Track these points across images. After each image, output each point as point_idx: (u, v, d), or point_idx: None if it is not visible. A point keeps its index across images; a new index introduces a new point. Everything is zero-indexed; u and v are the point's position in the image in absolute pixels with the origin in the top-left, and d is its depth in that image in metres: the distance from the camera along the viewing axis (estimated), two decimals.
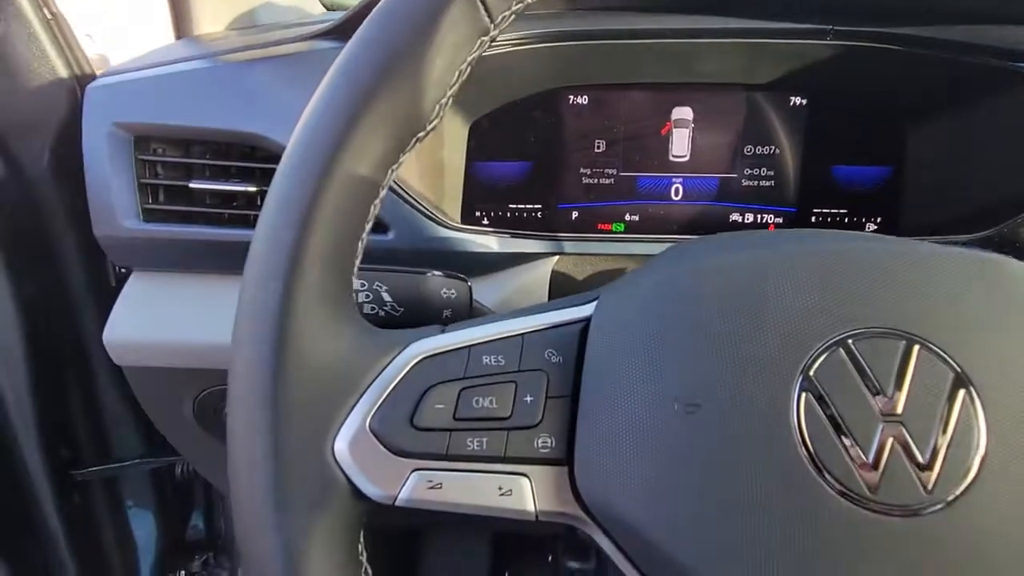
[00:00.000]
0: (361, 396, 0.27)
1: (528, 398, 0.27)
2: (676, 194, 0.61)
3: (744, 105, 0.59)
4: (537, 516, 0.27)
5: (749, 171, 0.60)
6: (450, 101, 0.28)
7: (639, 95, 0.59)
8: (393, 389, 0.27)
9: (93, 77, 0.69)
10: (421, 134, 0.28)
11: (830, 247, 0.27)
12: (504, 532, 1.10)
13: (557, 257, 0.56)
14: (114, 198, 0.48)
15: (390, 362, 0.27)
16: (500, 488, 0.26)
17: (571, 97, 0.59)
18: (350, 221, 0.27)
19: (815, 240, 0.28)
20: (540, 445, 0.26)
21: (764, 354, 0.25)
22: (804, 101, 0.59)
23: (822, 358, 0.24)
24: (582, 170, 0.61)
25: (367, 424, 0.26)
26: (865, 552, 0.23)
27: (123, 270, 0.81)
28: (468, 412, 0.26)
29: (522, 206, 0.60)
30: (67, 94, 0.66)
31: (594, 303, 0.30)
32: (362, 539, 0.28)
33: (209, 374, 0.50)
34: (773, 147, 0.60)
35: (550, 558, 0.90)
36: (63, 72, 0.65)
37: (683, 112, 0.59)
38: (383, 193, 0.28)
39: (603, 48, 0.55)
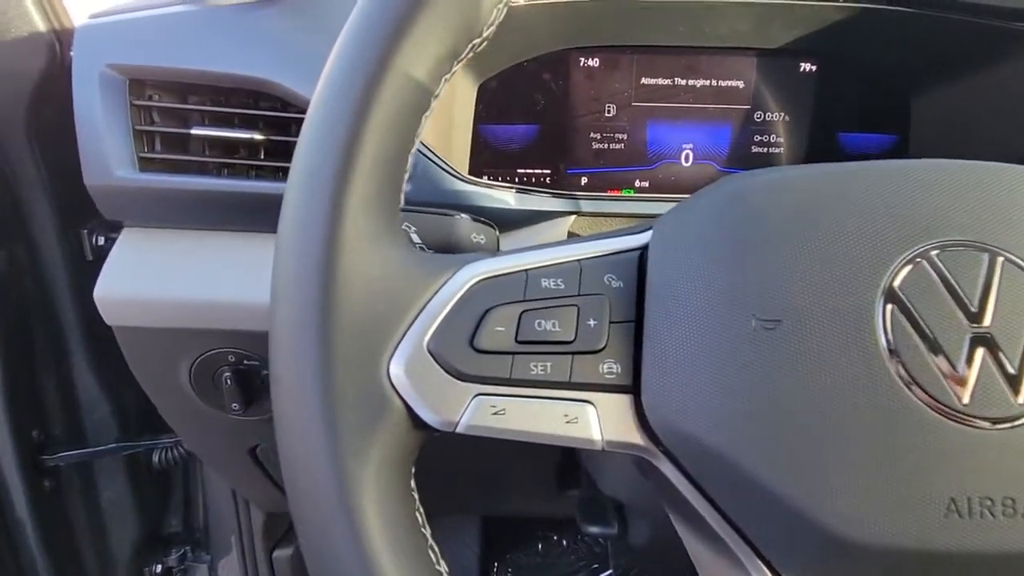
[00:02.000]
0: (417, 316, 0.25)
1: (591, 322, 0.25)
2: (686, 160, 0.60)
3: (754, 70, 0.59)
4: (603, 445, 0.25)
5: (759, 137, 0.60)
6: (506, 9, 0.26)
7: (650, 58, 0.58)
8: (450, 310, 0.25)
9: (73, 30, 0.65)
10: (476, 41, 0.26)
11: (900, 165, 0.26)
12: (494, 518, 1.08)
13: (573, 217, 0.54)
14: (107, 146, 0.45)
15: (445, 283, 0.25)
16: (566, 415, 0.25)
17: (581, 59, 0.58)
18: (403, 129, 0.25)
19: (881, 163, 0.27)
20: (605, 371, 0.25)
21: (846, 267, 0.24)
22: (813, 67, 0.59)
23: (905, 271, 0.23)
24: (591, 134, 0.59)
25: (424, 345, 0.24)
26: (958, 465, 0.22)
27: (101, 241, 0.77)
28: (530, 335, 0.25)
29: (530, 170, 0.59)
30: (45, 48, 0.62)
31: (648, 231, 0.28)
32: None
33: (207, 336, 0.48)
34: (782, 113, 0.60)
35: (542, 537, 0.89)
36: (40, 24, 0.62)
37: (694, 77, 0.59)
38: (433, 106, 0.26)
39: (615, 7, 0.54)
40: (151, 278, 0.46)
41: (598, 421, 0.25)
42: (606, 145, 0.60)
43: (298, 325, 0.23)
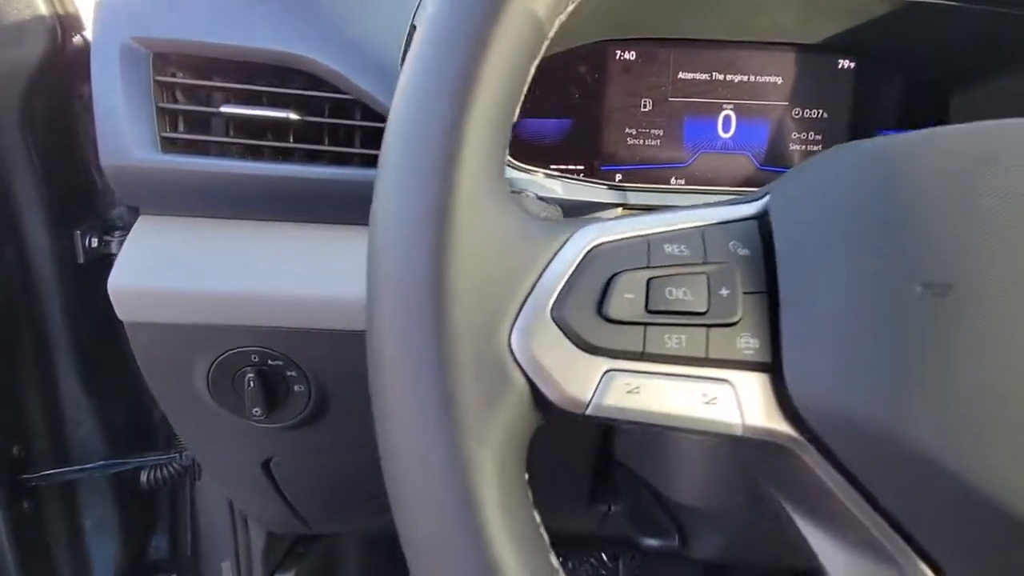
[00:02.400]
0: (537, 280, 0.22)
1: (724, 291, 0.22)
2: (723, 156, 0.58)
3: (793, 66, 0.57)
4: (742, 431, 0.22)
5: (796, 135, 0.58)
6: None
7: (688, 52, 0.56)
8: (572, 276, 0.22)
9: (77, 18, 0.61)
10: None
11: None
12: None
13: (619, 210, 0.52)
14: (127, 125, 0.41)
15: (562, 246, 0.22)
16: (704, 395, 0.22)
17: (618, 52, 0.56)
18: (518, 73, 0.22)
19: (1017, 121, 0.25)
20: (743, 346, 0.22)
21: (1017, 230, 0.21)
22: (852, 64, 0.58)
23: None
24: (627, 130, 0.57)
25: (548, 312, 0.21)
26: None
27: (94, 243, 0.72)
28: (661, 304, 0.22)
29: (564, 166, 0.56)
30: (45, 33, 0.58)
31: (759, 201, 0.26)
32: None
33: (230, 333, 0.44)
34: (821, 110, 0.58)
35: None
36: (42, 7, 0.58)
37: (732, 72, 0.57)
38: (542, 52, 0.24)
39: None
40: (170, 269, 0.42)
41: (737, 403, 0.22)
42: (641, 141, 0.58)
43: (407, 291, 0.20)
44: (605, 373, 0.21)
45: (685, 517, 0.45)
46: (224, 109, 0.41)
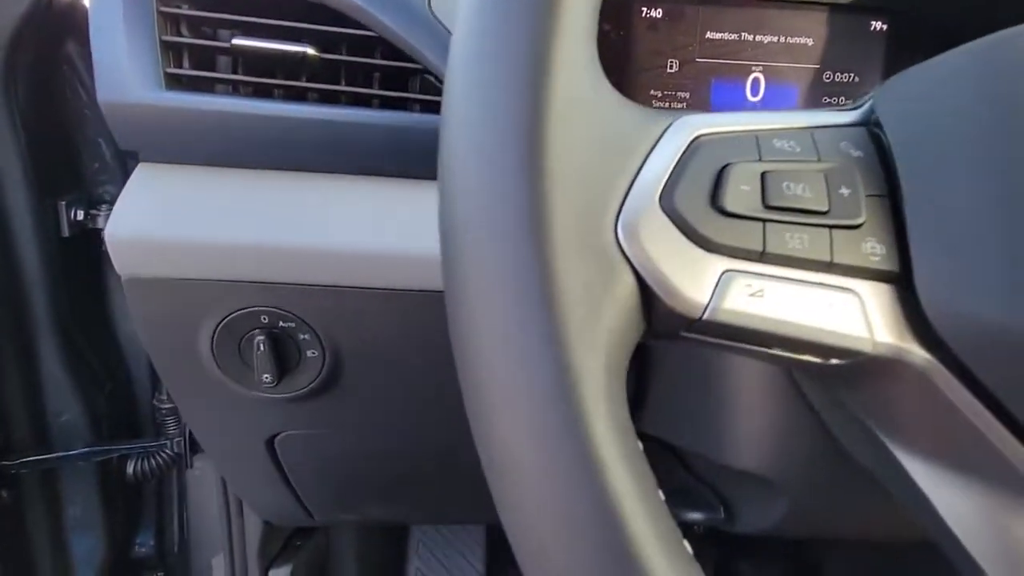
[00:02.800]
0: (643, 164, 0.19)
1: (844, 191, 0.20)
2: None
3: (825, 28, 0.55)
4: (873, 347, 0.19)
5: (827, 99, 0.56)
6: None
7: (716, 11, 0.54)
8: (679, 163, 0.19)
9: None
10: None
11: None
12: (498, 530, 1.01)
13: None
14: (128, 60, 0.37)
15: (665, 131, 0.20)
16: (831, 305, 0.19)
17: (644, 9, 0.54)
18: None
19: None
20: (869, 251, 0.19)
21: None
22: (884, 26, 0.56)
23: None
24: (652, 91, 0.55)
25: (657, 199, 0.18)
26: None
27: (80, 215, 0.68)
28: (779, 199, 0.19)
29: None
30: None
31: (861, 108, 0.23)
32: None
33: (239, 291, 0.40)
34: (852, 74, 0.56)
35: None
36: None
37: (761, 32, 0.55)
38: None
39: None
40: (174, 217, 0.38)
41: (864, 317, 0.19)
42: (667, 104, 0.55)
43: (505, 163, 0.17)
44: (723, 273, 0.19)
45: (732, 488, 0.42)
46: (236, 42, 0.38)
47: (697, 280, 0.18)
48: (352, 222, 0.40)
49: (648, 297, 0.18)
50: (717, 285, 0.18)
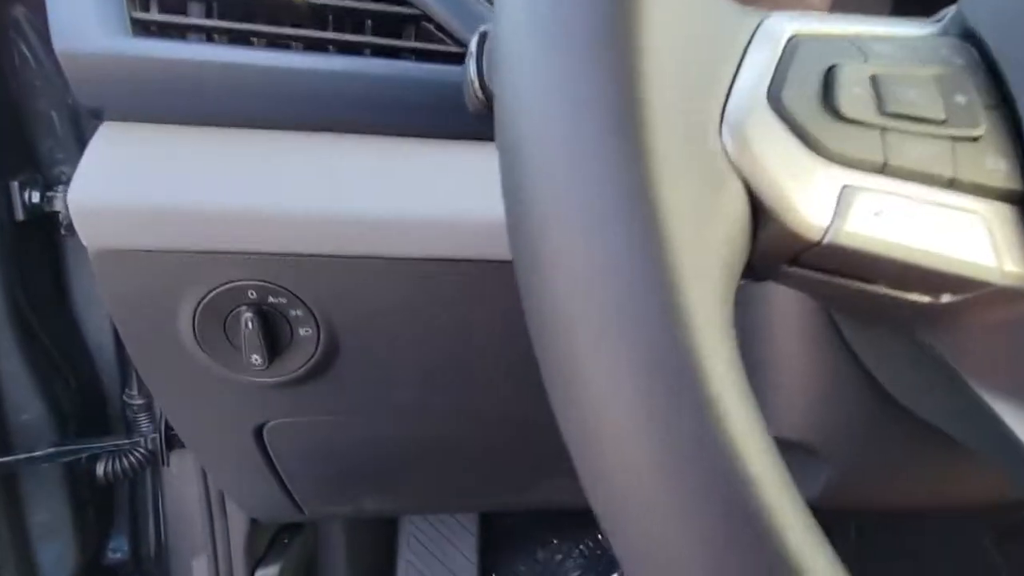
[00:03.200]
0: (742, 60, 0.16)
1: (959, 98, 0.17)
2: None
3: None
4: (1000, 276, 0.16)
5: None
6: None
7: None
8: (782, 59, 0.16)
9: None
10: None
11: None
12: (493, 524, 0.98)
13: None
14: (89, 3, 0.33)
15: (759, 25, 0.17)
16: (955, 228, 0.16)
17: None
18: None
19: None
20: (992, 167, 0.16)
21: None
22: None
23: None
24: None
25: (764, 98, 0.15)
26: None
27: (36, 198, 0.62)
28: (896, 105, 0.16)
29: None
30: None
31: (948, 17, 0.20)
32: None
33: (220, 264, 0.36)
34: None
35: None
36: None
37: None
38: None
39: None
40: (147, 180, 0.34)
41: (992, 241, 0.16)
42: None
43: (592, 67, 0.13)
44: (843, 188, 0.16)
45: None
46: None
47: (815, 195, 0.15)
48: (347, 184, 0.36)
49: (757, 217, 0.16)
50: (838, 202, 0.16)
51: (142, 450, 0.70)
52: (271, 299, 0.37)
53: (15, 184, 0.61)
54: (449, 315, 0.40)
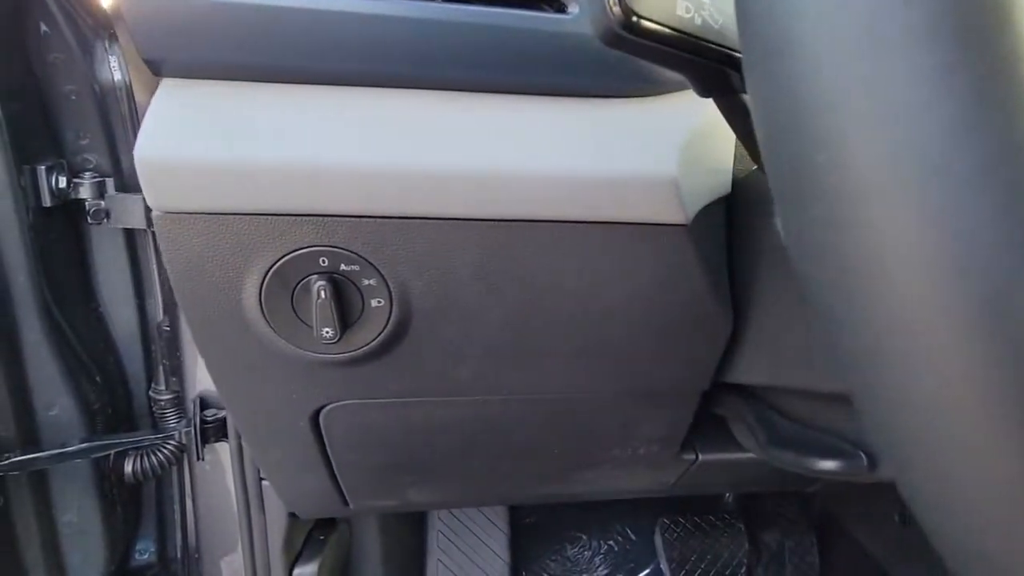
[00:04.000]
0: None
1: None
2: None
3: None
4: None
5: None
6: None
7: None
8: None
9: None
10: None
11: None
12: (523, 524, 0.96)
13: None
14: None
15: None
16: None
17: None
18: None
19: None
20: None
21: None
22: None
23: None
24: None
25: None
26: None
27: (63, 183, 0.60)
28: None
29: None
30: None
31: None
32: None
33: (291, 228, 0.34)
34: None
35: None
36: None
37: None
38: None
39: None
40: (217, 136, 0.32)
41: None
42: None
43: None
44: None
45: (861, 431, 0.37)
46: None
47: None
48: (425, 140, 0.34)
49: None
50: None
51: (172, 445, 0.68)
52: (343, 267, 0.35)
53: (41, 169, 0.58)
54: (520, 284, 0.38)
